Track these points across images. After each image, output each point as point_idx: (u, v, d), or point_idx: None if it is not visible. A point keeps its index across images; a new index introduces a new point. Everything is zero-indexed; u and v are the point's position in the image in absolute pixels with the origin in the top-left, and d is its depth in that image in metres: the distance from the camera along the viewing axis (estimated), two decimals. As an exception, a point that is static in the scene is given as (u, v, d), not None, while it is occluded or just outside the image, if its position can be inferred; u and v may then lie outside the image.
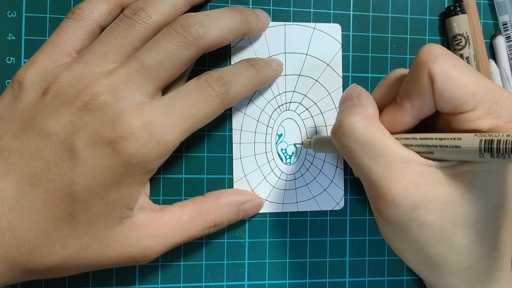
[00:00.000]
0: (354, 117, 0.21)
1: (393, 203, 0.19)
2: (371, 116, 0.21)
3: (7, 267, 0.20)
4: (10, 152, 0.21)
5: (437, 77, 0.19)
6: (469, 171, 0.19)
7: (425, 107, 0.20)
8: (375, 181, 0.20)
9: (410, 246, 0.21)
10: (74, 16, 0.24)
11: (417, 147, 0.20)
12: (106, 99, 0.21)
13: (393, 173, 0.19)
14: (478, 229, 0.20)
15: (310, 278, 0.28)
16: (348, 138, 0.21)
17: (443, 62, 0.19)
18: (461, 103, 0.19)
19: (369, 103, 0.22)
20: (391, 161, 0.20)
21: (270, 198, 0.28)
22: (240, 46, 0.28)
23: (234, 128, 0.28)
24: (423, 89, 0.19)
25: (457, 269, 0.21)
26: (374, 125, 0.21)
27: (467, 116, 0.19)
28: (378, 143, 0.20)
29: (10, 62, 0.26)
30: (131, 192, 0.22)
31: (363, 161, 0.20)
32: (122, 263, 0.22)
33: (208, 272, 0.28)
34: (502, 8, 0.30)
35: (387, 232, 0.21)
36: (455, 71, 0.19)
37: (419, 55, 0.20)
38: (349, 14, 0.29)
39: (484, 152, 0.17)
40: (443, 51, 0.19)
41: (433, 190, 0.19)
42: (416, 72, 0.20)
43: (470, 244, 0.20)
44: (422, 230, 0.20)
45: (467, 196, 0.19)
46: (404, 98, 0.21)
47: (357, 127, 0.20)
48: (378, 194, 0.20)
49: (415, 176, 0.19)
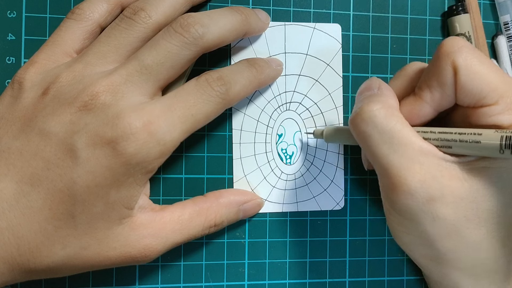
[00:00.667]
0: (375, 105, 0.21)
1: (409, 193, 0.19)
2: (391, 105, 0.21)
3: (7, 267, 0.20)
4: (10, 152, 0.21)
5: (460, 69, 0.19)
6: (486, 167, 0.19)
7: (446, 99, 0.20)
8: (391, 170, 0.20)
9: (419, 239, 0.21)
10: (74, 16, 0.24)
11: (435, 141, 0.20)
12: (106, 99, 0.21)
13: (410, 163, 0.19)
14: (489, 225, 0.20)
15: (310, 278, 0.28)
16: (367, 125, 0.21)
17: (467, 54, 0.19)
18: (482, 96, 0.19)
19: (390, 94, 0.22)
20: (409, 151, 0.20)
21: (270, 198, 0.28)
22: (240, 46, 0.28)
23: (234, 128, 0.28)
24: (446, 80, 0.19)
25: (464, 265, 0.21)
26: (395, 115, 0.21)
27: (488, 110, 0.19)
28: (398, 132, 0.20)
29: (10, 62, 0.26)
30: (131, 192, 0.22)
31: (381, 149, 0.20)
32: (122, 263, 0.22)
33: (208, 272, 0.28)
34: (503, 8, 0.30)
35: (396, 224, 0.21)
36: (478, 64, 0.19)
37: (442, 46, 0.20)
38: (349, 14, 0.29)
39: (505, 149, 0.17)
40: (466, 44, 0.20)
41: (450, 184, 0.19)
42: (439, 62, 0.20)
43: (480, 240, 0.20)
44: (435, 223, 0.20)
45: (482, 192, 0.19)
46: (424, 88, 0.20)
47: (377, 114, 0.20)
48: (393, 183, 0.20)
49: (433, 168, 0.19)
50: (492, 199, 0.20)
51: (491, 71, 0.19)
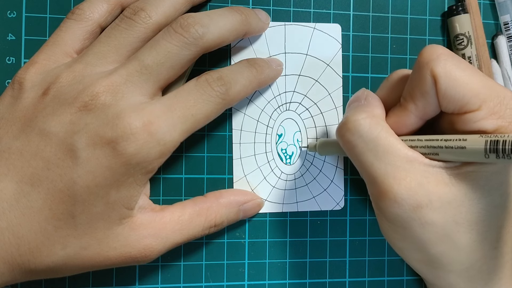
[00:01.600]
0: (360, 114, 0.21)
1: (395, 201, 0.19)
2: (377, 115, 0.21)
3: (7, 267, 0.20)
4: (11, 152, 0.21)
5: (440, 77, 0.19)
6: (473, 171, 0.19)
7: (429, 107, 0.20)
8: (378, 178, 0.20)
9: (411, 245, 0.21)
10: (74, 16, 0.24)
11: (422, 148, 0.20)
12: (106, 99, 0.21)
13: (396, 171, 0.20)
14: (480, 228, 0.20)
15: (310, 278, 0.28)
16: (352, 134, 0.21)
17: (446, 62, 0.19)
18: (465, 102, 0.19)
19: (376, 103, 0.22)
20: (395, 159, 0.20)
21: (270, 198, 0.28)
22: (240, 46, 0.28)
23: (234, 128, 0.28)
24: (427, 89, 0.19)
25: (458, 268, 0.21)
26: (380, 124, 0.21)
27: (472, 116, 0.19)
28: (383, 140, 0.20)
29: (10, 62, 0.26)
30: (131, 192, 0.22)
31: (367, 158, 0.20)
32: (122, 263, 0.22)
33: (208, 272, 0.28)
34: (503, 8, 0.30)
35: (387, 231, 0.21)
36: (458, 71, 0.19)
37: (421, 56, 0.20)
38: (349, 14, 0.29)
39: (490, 153, 0.17)
40: (445, 51, 0.19)
41: (436, 189, 0.19)
42: (418, 72, 0.20)
43: (471, 243, 0.20)
44: (424, 229, 0.20)
45: (470, 195, 0.19)
46: (408, 99, 0.21)
47: (362, 124, 0.21)
48: (380, 191, 0.20)
49: (419, 175, 0.19)
50: (481, 202, 0.19)
51: (472, 77, 0.19)
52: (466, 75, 0.19)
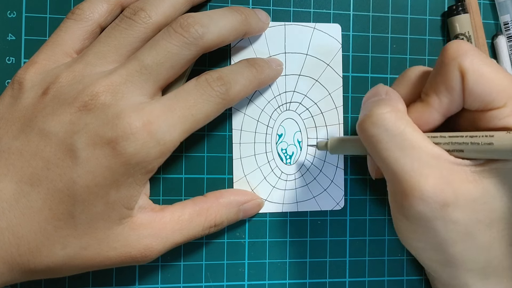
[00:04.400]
0: (385, 107, 0.21)
1: (421, 199, 0.19)
2: (401, 110, 0.21)
3: (7, 267, 0.20)
4: (10, 152, 0.21)
5: (468, 73, 0.19)
6: (497, 169, 0.19)
7: (454, 104, 0.20)
8: (403, 175, 0.19)
9: (430, 245, 0.21)
10: (74, 16, 0.24)
11: (446, 145, 0.20)
12: (106, 99, 0.21)
13: (423, 167, 0.19)
14: (499, 226, 0.20)
15: (310, 278, 0.28)
16: (377, 128, 0.20)
17: (473, 57, 0.19)
18: (491, 99, 0.19)
19: (398, 98, 0.22)
20: (421, 155, 0.19)
21: (270, 198, 0.28)
22: (240, 46, 0.28)
23: (234, 128, 0.28)
24: (453, 84, 0.19)
25: (475, 266, 0.21)
26: (404, 118, 0.20)
27: (497, 113, 0.19)
28: (409, 135, 0.20)
29: (10, 62, 0.26)
30: (131, 192, 0.22)
31: (392, 153, 0.20)
32: (122, 263, 0.22)
33: (208, 272, 0.28)
34: (503, 8, 0.30)
35: (405, 231, 0.21)
36: (485, 67, 0.19)
37: (447, 51, 0.20)
38: (349, 14, 0.29)
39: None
40: (471, 47, 0.19)
41: (462, 187, 0.19)
42: (445, 68, 0.19)
43: (491, 241, 0.20)
44: (447, 227, 0.19)
45: (494, 193, 0.19)
46: (432, 94, 0.20)
47: (388, 117, 0.20)
48: (404, 188, 0.19)
49: (445, 172, 0.19)
50: (503, 200, 0.19)
51: (498, 74, 0.19)
52: (493, 72, 0.19)
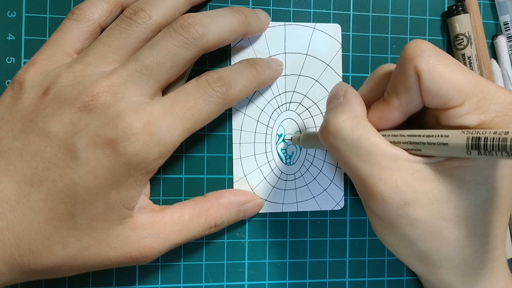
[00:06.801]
0: (340, 116, 0.21)
1: (383, 200, 0.19)
2: (357, 115, 0.21)
3: (7, 267, 0.20)
4: (11, 152, 0.21)
5: (423, 73, 0.19)
6: (458, 167, 0.19)
7: (413, 102, 0.20)
8: (364, 180, 0.20)
9: (402, 242, 0.21)
10: (74, 16, 0.24)
11: (405, 144, 0.20)
12: (107, 99, 0.21)
13: (381, 171, 0.19)
14: (469, 223, 0.20)
15: (310, 278, 0.28)
16: (335, 138, 0.21)
17: (429, 57, 0.19)
18: (448, 98, 0.19)
19: (356, 101, 0.22)
20: (379, 159, 0.20)
21: (270, 198, 0.28)
22: (240, 46, 0.28)
23: (234, 128, 0.28)
24: (410, 85, 0.19)
25: (450, 264, 0.21)
26: (361, 124, 0.21)
27: (455, 112, 0.19)
28: (365, 142, 0.20)
29: (10, 62, 0.26)
30: (132, 193, 0.22)
31: (351, 160, 0.20)
32: (122, 263, 0.22)
33: (208, 272, 0.28)
34: (503, 8, 0.30)
35: (379, 228, 0.21)
36: (441, 67, 0.19)
37: (405, 51, 0.20)
38: (349, 14, 0.29)
39: (472, 149, 0.17)
40: (428, 47, 0.19)
41: (422, 186, 0.19)
42: (402, 68, 0.20)
43: (461, 239, 0.20)
44: (413, 226, 0.20)
45: (457, 191, 0.19)
46: (392, 94, 0.20)
47: (343, 127, 0.20)
48: (367, 192, 0.20)
49: (404, 173, 0.19)
50: (468, 197, 0.19)
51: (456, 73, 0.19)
52: (450, 71, 0.19)
